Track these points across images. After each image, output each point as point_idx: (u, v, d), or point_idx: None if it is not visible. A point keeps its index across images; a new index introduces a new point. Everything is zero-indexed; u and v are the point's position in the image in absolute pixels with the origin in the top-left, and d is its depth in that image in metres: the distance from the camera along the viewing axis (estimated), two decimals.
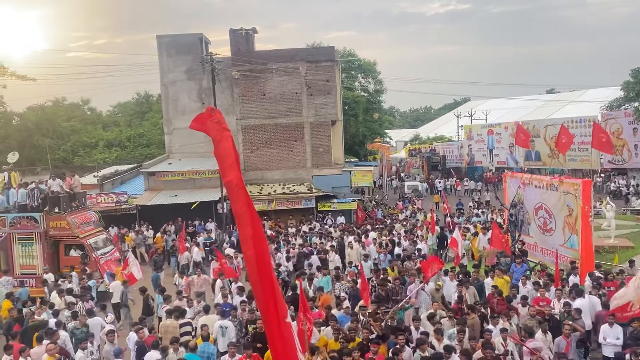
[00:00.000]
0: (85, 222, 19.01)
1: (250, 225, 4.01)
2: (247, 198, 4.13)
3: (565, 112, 55.81)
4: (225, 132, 4.26)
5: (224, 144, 4.20)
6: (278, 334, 3.98)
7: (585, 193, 15.36)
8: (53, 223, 18.07)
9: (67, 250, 18.34)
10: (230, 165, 4.17)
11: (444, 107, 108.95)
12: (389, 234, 21.44)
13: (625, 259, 15.70)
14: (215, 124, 4.29)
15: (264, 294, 3.96)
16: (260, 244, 4.04)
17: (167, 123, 32.45)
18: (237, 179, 4.12)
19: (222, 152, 4.19)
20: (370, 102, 47.37)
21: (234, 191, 4.09)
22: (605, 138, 17.93)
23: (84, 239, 18.24)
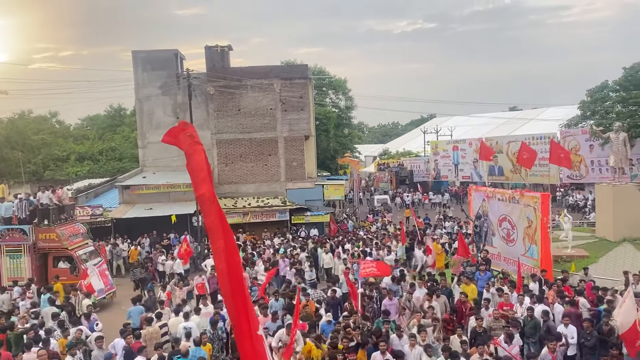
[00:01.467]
0: (74, 234, 19.18)
1: (222, 239, 4.02)
2: (220, 212, 4.13)
3: (526, 129, 58.02)
4: (197, 145, 4.28)
5: (197, 158, 4.21)
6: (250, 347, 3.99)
7: (544, 206, 16.60)
8: (42, 235, 18.22)
9: (55, 262, 18.46)
10: (202, 179, 4.14)
11: (410, 123, 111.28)
12: (362, 245, 22.33)
13: (581, 267, 16.89)
14: (187, 137, 4.29)
15: (236, 307, 3.97)
16: (232, 258, 4.05)
17: (142, 137, 32.73)
18: (209, 192, 4.10)
19: (195, 166, 4.21)
20: (341, 118, 48.56)
21: (206, 205, 4.10)
22: (563, 154, 19.28)
23: (73, 251, 18.38)
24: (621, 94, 37.36)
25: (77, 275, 17.83)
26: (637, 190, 22.50)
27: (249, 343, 3.98)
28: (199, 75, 31.14)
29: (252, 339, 4.01)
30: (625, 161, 21.84)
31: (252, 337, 4.00)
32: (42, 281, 17.95)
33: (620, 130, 21.59)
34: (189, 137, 4.28)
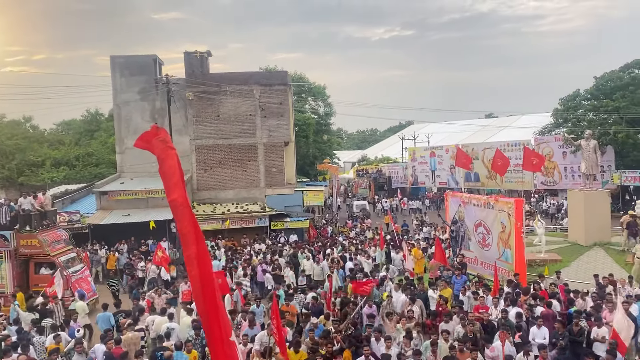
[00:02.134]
0: (56, 241, 18.90)
1: (194, 244, 3.99)
2: (192, 217, 4.09)
3: (502, 136, 59.14)
4: (170, 150, 4.24)
5: (169, 162, 4.17)
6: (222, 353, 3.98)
7: (518, 211, 17.07)
8: (23, 241, 17.91)
9: (37, 269, 18.15)
10: (175, 184, 4.11)
11: (389, 129, 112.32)
12: (342, 250, 22.57)
13: (554, 271, 17.36)
14: (160, 142, 4.25)
15: (208, 313, 3.94)
16: (205, 264, 4.00)
17: (119, 142, 32.51)
18: (182, 197, 4.07)
19: (167, 171, 4.17)
20: (320, 124, 48.87)
21: (179, 210, 4.06)
22: (535, 160, 19.85)
23: (55, 257, 18.11)
24: (592, 102, 38.45)
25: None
26: (607, 196, 23.21)
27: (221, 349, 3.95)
28: (177, 80, 31.12)
29: (224, 344, 3.97)
30: (596, 168, 22.50)
31: (224, 342, 3.96)
32: (24, 288, 17.64)
33: (590, 137, 22.25)
34: (162, 142, 4.26)
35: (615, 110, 35.32)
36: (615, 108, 35.35)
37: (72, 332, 13.07)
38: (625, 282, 14.68)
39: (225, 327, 4.04)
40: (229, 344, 4.05)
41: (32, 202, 19.13)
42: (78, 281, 18.22)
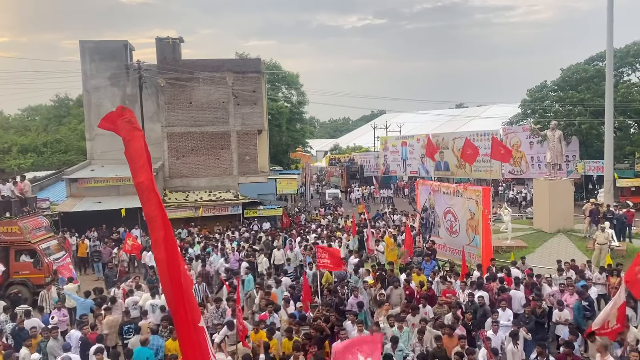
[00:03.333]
0: (37, 228, 18.50)
1: (162, 229, 3.93)
2: (158, 200, 4.02)
3: (471, 126, 60.31)
4: (136, 131, 4.13)
5: (135, 145, 4.06)
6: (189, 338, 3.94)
7: (485, 199, 17.63)
8: (3, 228, 17.49)
9: (17, 256, 17.79)
10: (141, 167, 4.01)
11: (361, 118, 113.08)
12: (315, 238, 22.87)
13: (519, 257, 18.00)
14: (126, 123, 4.12)
15: (175, 298, 3.90)
16: (172, 248, 3.95)
17: (89, 129, 32.04)
18: (148, 180, 3.99)
19: (133, 153, 4.06)
20: (294, 113, 48.92)
21: (145, 193, 3.99)
22: (503, 150, 20.45)
23: (36, 245, 17.78)
24: (559, 93, 39.58)
25: (40, 269, 17.33)
26: (571, 185, 24.05)
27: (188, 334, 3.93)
28: (149, 67, 30.79)
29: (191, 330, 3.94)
30: (561, 157, 23.25)
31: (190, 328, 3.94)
32: (4, 275, 17.29)
33: (556, 128, 22.96)
34: (128, 123, 4.12)
35: (580, 101, 36.44)
36: (580, 100, 36.46)
37: (45, 318, 13.05)
38: (585, 267, 15.38)
39: (192, 312, 3.99)
40: (196, 329, 4.00)
41: (12, 189, 18.62)
42: (59, 268, 17.97)
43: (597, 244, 17.96)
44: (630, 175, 35.19)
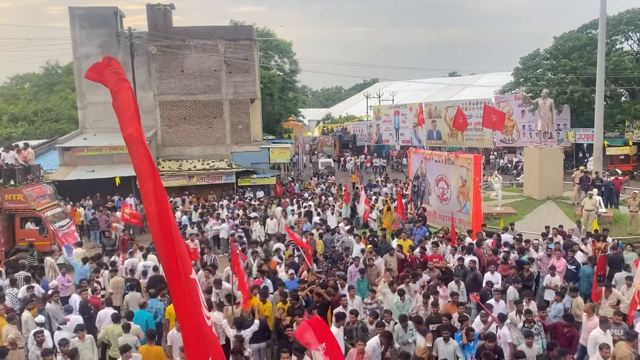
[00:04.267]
0: (42, 195, 18.64)
1: (151, 180, 3.89)
2: (147, 152, 3.96)
3: (464, 94, 60.31)
4: (124, 82, 4.02)
5: (123, 95, 3.96)
6: (181, 290, 3.92)
7: (476, 166, 17.91)
8: (8, 196, 17.60)
9: (22, 224, 17.97)
10: (129, 118, 3.93)
11: (354, 87, 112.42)
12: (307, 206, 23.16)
13: (508, 223, 18.40)
14: (113, 74, 4.02)
15: (167, 250, 3.89)
16: (162, 200, 3.92)
17: (81, 97, 31.80)
18: (137, 132, 3.91)
19: (121, 104, 3.96)
20: (286, 82, 48.65)
21: (134, 145, 3.91)
22: (495, 118, 20.63)
23: (41, 212, 17.94)
24: (551, 62, 39.56)
25: (46, 237, 17.54)
26: (561, 152, 24.36)
27: (179, 286, 3.90)
28: (140, 34, 30.44)
29: (183, 282, 3.91)
30: (552, 125, 23.49)
31: (182, 280, 3.90)
32: (10, 242, 17.57)
33: (547, 96, 23.12)
34: (115, 74, 4.01)
35: (573, 70, 36.49)
36: (572, 68, 36.50)
37: (45, 284, 13.34)
38: (572, 232, 15.80)
39: (184, 265, 3.96)
40: (188, 281, 3.97)
41: (16, 157, 18.65)
42: (65, 236, 18.16)
43: (584, 210, 18.39)
44: (620, 143, 35.57)
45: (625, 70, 34.80)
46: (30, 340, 9.66)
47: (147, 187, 3.90)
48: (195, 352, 3.95)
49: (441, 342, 8.99)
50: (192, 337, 3.93)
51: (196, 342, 3.93)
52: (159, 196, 3.90)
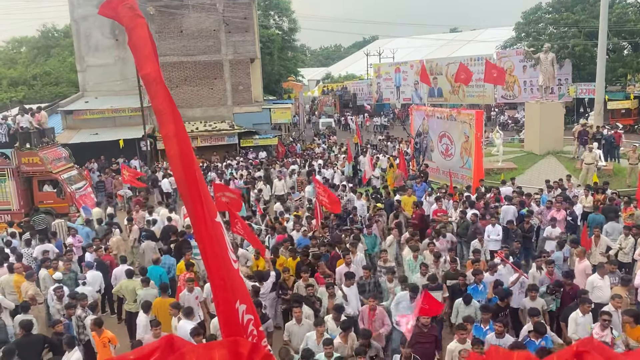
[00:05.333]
0: (57, 158, 18.83)
1: (171, 122, 3.69)
2: (167, 93, 3.76)
3: (465, 50, 59.62)
4: (139, 19, 3.77)
5: (139, 32, 3.71)
6: (206, 233, 3.82)
7: (478, 122, 18.05)
8: (25, 159, 17.79)
9: (40, 186, 18.24)
10: (147, 56, 3.71)
11: (353, 45, 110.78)
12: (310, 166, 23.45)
13: (509, 178, 18.70)
14: (127, 10, 3.76)
15: (191, 193, 3.76)
16: (184, 142, 3.75)
17: (80, 60, 31.64)
18: (155, 72, 3.70)
19: (137, 42, 3.71)
20: (285, 41, 48.10)
21: (152, 86, 3.72)
22: (496, 72, 20.63)
23: (57, 175, 18.15)
24: (554, 15, 39.01)
25: (63, 199, 17.80)
26: (562, 107, 24.43)
27: (205, 229, 3.81)
28: None
29: (209, 225, 3.81)
30: (553, 80, 23.48)
31: (207, 223, 3.80)
32: (29, 205, 17.89)
33: (549, 51, 23.02)
34: (130, 10, 3.75)
35: (575, 23, 36.05)
36: (574, 21, 36.05)
37: (59, 244, 13.74)
38: (571, 185, 16.11)
39: (209, 208, 3.84)
40: (213, 224, 3.85)
41: (30, 120, 18.76)
42: (82, 197, 18.44)
43: (584, 163, 18.63)
44: (621, 97, 35.48)
45: (629, 22, 34.39)
46: (50, 295, 10.09)
47: (168, 129, 3.72)
48: (223, 295, 3.87)
49: (462, 304, 8.79)
50: (220, 279, 3.84)
51: (224, 286, 3.85)
52: (181, 138, 3.73)
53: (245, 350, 1.90)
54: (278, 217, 14.91)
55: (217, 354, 1.84)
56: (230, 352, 1.86)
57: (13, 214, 17.41)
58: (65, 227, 15.26)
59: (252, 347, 1.95)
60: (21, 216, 17.29)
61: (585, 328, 7.75)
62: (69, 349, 7.46)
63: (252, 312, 4.09)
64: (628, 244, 11.39)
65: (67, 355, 7.25)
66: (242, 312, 3.94)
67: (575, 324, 7.90)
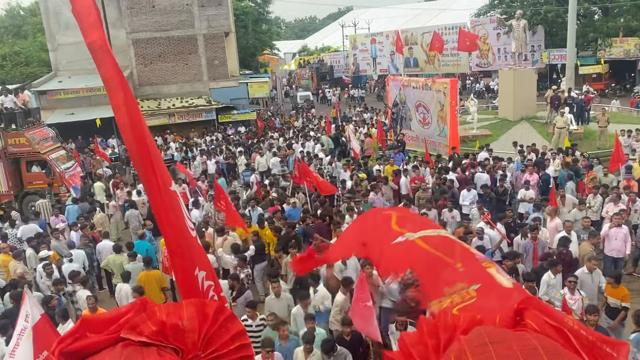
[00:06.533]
0: (44, 138, 18.54)
1: (121, 91, 3.58)
2: (114, 61, 3.66)
3: (440, 19, 59.56)
4: None
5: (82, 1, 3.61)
6: (161, 202, 3.77)
7: (453, 90, 18.42)
8: (11, 140, 17.47)
9: (28, 167, 17.99)
10: (92, 24, 3.58)
11: (328, 16, 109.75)
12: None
13: (484, 144, 19.19)
14: None
15: (143, 162, 3.70)
16: (134, 110, 3.66)
17: (51, 39, 30.99)
18: (101, 39, 3.58)
19: (81, 10, 3.59)
20: (259, 13, 47.57)
21: (99, 54, 3.60)
22: (469, 40, 20.92)
23: (45, 155, 17.92)
24: None
25: (52, 179, 17.61)
26: (534, 74, 24.90)
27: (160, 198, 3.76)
28: None
29: (163, 194, 3.76)
30: (525, 47, 23.88)
31: (162, 192, 3.75)
32: (18, 186, 17.72)
33: (521, 17, 23.35)
34: None
35: None
36: None
37: (42, 223, 13.84)
38: (537, 151, 16.66)
39: (163, 177, 3.78)
40: (168, 193, 3.79)
41: (15, 100, 18.44)
42: (71, 177, 18.32)
43: (556, 128, 19.19)
44: (592, 62, 36.14)
45: None
46: (39, 272, 10.27)
47: (117, 98, 3.60)
48: (180, 263, 3.86)
49: None
50: (177, 247, 3.83)
51: (181, 253, 3.84)
52: (130, 106, 3.63)
53: (210, 311, 1.99)
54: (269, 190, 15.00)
55: (184, 311, 1.94)
56: (198, 311, 1.96)
57: (2, 196, 17.28)
58: (49, 207, 15.30)
59: (217, 308, 2.04)
60: (11, 197, 17.22)
61: (557, 289, 8.04)
62: (63, 321, 7.70)
63: (212, 278, 4.03)
64: (596, 203, 11.99)
65: (61, 327, 7.48)
66: (201, 278, 3.97)
67: (547, 285, 8.16)
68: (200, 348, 1.88)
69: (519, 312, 1.66)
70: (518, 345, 1.35)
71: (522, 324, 1.62)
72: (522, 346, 1.35)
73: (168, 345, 1.82)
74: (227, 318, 2.03)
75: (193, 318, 1.91)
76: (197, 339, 1.88)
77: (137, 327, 1.85)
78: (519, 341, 1.38)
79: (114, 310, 1.93)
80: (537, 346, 1.34)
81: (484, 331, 1.48)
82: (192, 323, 1.89)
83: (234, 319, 2.08)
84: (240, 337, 2.05)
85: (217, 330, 1.96)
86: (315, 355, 6.69)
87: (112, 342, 1.84)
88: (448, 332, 1.62)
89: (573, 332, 1.47)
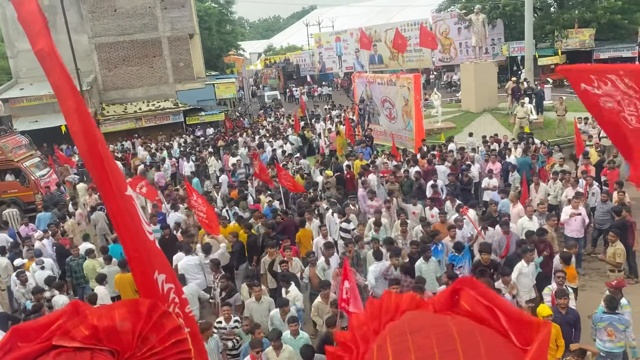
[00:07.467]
0: (18, 146, 18.25)
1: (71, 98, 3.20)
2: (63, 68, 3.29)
3: (403, 15, 60.43)
4: None
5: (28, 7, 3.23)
6: (116, 207, 3.46)
7: (417, 85, 18.87)
8: None
9: (2, 176, 17.67)
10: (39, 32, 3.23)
11: (292, 15, 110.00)
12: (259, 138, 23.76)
13: (448, 136, 19.75)
14: None
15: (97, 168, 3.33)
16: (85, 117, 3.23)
17: (10, 46, 30.38)
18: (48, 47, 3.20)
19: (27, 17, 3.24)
20: (223, 14, 47.44)
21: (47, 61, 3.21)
22: (430, 37, 21.45)
23: (19, 163, 17.59)
24: None
25: (27, 187, 17.31)
26: (495, 66, 25.63)
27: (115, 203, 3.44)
28: None
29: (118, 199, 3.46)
30: (485, 40, 24.57)
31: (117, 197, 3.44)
32: None
33: (480, 12, 24.03)
34: None
35: None
36: None
37: (12, 233, 13.71)
38: (506, 139, 17.27)
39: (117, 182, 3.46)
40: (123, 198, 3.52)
41: None
42: (49, 184, 18.10)
43: (517, 118, 19.85)
44: (550, 53, 37.26)
45: None
46: (14, 281, 10.23)
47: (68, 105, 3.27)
48: (139, 267, 3.60)
49: (423, 264, 8.81)
50: (134, 251, 3.55)
51: (139, 257, 3.59)
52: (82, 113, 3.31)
53: (144, 309, 1.97)
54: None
55: (116, 312, 1.91)
56: (130, 311, 1.94)
57: None
58: (17, 217, 15.13)
59: (150, 305, 2.02)
60: None
61: (529, 276, 8.32)
62: None
63: (172, 280, 4.19)
64: (556, 188, 12.58)
65: None
66: (161, 281, 3.70)
67: (519, 272, 8.31)
68: (136, 347, 1.87)
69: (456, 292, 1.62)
70: (435, 333, 1.35)
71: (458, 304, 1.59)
72: (439, 333, 1.35)
73: (103, 348, 1.79)
74: (162, 315, 2.04)
75: (126, 318, 1.89)
76: (132, 338, 1.86)
77: (69, 333, 1.81)
78: (438, 328, 1.38)
79: (45, 317, 1.88)
80: (454, 333, 1.34)
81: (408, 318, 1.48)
82: (125, 323, 1.87)
83: (169, 316, 2.11)
84: (177, 333, 2.05)
85: (151, 327, 1.95)
86: (287, 350, 6.79)
87: (45, 350, 1.78)
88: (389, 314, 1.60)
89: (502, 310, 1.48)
